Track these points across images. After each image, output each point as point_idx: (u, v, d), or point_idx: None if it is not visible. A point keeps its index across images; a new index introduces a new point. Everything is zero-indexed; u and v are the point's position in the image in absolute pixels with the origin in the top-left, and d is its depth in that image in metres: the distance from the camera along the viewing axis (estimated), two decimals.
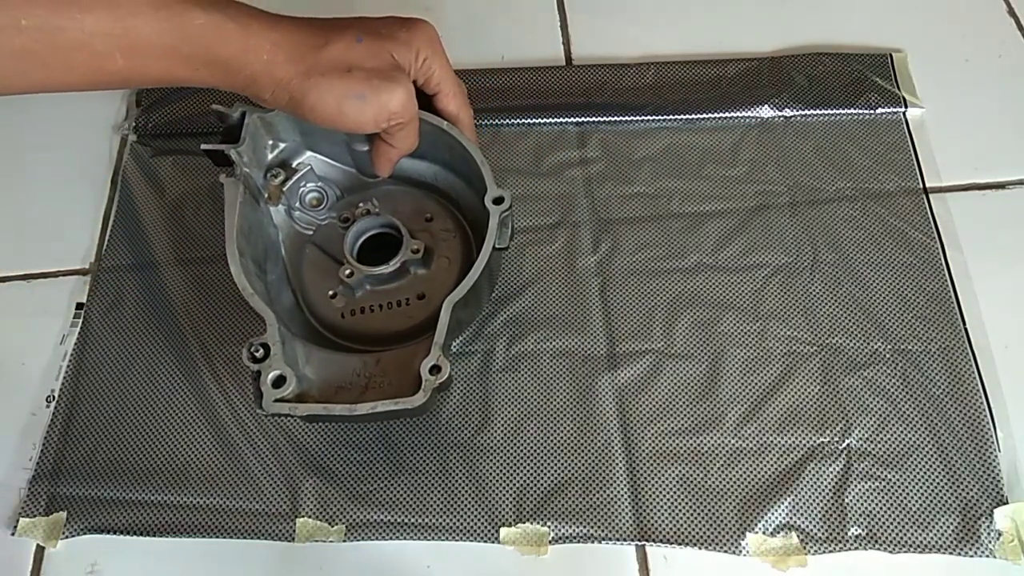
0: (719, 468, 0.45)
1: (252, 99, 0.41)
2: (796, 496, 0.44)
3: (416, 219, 0.49)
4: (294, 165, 0.49)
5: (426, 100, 0.45)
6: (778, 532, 0.43)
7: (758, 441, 0.46)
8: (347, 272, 0.46)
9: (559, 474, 0.46)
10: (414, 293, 0.47)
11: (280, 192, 0.48)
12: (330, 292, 0.48)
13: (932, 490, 0.44)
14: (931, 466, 0.45)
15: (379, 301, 0.47)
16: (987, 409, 0.46)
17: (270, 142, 0.48)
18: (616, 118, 0.58)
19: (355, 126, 0.41)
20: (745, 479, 0.45)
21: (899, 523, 0.43)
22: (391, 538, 0.45)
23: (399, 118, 0.41)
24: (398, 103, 0.40)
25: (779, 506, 0.44)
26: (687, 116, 0.57)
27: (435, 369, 0.40)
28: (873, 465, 0.45)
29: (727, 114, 0.57)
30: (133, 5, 0.36)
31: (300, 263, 0.49)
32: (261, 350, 0.40)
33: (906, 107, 0.57)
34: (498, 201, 0.44)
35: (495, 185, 0.44)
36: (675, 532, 0.44)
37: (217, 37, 0.38)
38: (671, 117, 0.57)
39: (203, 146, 0.44)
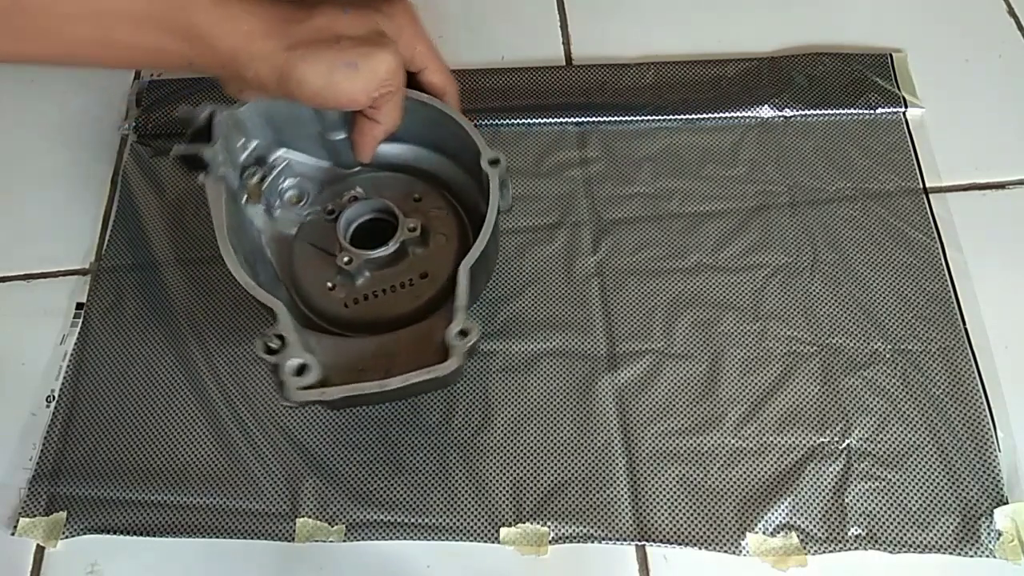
0: (719, 468, 0.45)
1: (231, 80, 0.39)
2: (796, 496, 0.44)
3: (405, 200, 0.48)
4: (270, 161, 0.48)
5: (408, 79, 0.44)
6: (778, 532, 0.43)
7: (758, 441, 0.46)
8: (346, 259, 0.45)
9: (559, 474, 0.46)
10: (416, 273, 0.47)
11: (259, 191, 0.47)
12: (328, 284, 0.47)
13: (932, 490, 0.44)
14: (931, 466, 0.45)
15: (382, 286, 0.46)
16: (987, 409, 0.46)
17: (241, 140, 0.46)
18: (616, 118, 0.58)
19: (346, 99, 0.39)
20: (745, 479, 0.45)
21: (899, 523, 0.43)
22: (391, 538, 0.45)
23: (389, 86, 0.40)
24: (388, 69, 0.39)
25: (779, 506, 0.44)
26: (687, 116, 0.57)
27: (462, 333, 0.39)
28: (873, 465, 0.45)
29: (727, 114, 0.57)
30: None
31: (290, 262, 0.48)
32: (277, 341, 0.39)
33: (906, 107, 0.57)
34: (494, 162, 0.44)
35: (488, 147, 0.44)
36: (675, 532, 0.44)
37: (193, 3, 0.36)
38: (671, 117, 0.57)
39: (175, 150, 0.43)
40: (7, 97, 0.63)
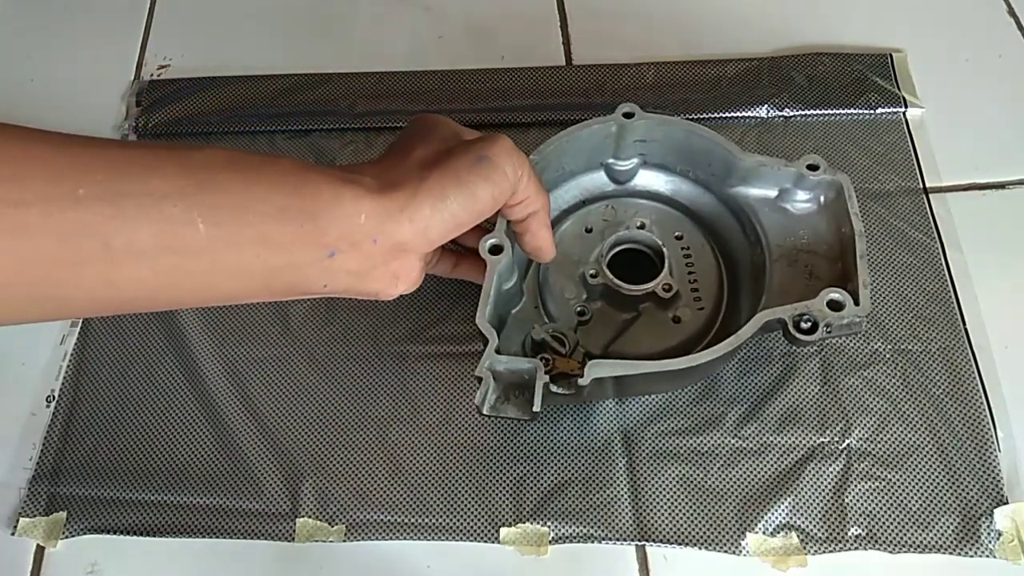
0: (719, 468, 0.45)
1: (377, 269, 0.34)
2: (796, 496, 0.44)
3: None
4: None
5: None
6: (778, 532, 0.43)
7: (758, 441, 0.46)
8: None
9: (559, 474, 0.46)
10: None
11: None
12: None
13: (932, 490, 0.44)
14: (931, 466, 0.45)
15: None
16: (987, 409, 0.46)
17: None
18: None
19: (497, 193, 0.36)
20: (745, 479, 0.45)
21: (899, 523, 0.43)
22: (391, 538, 0.45)
23: (524, 164, 0.37)
24: (513, 145, 0.36)
25: (779, 506, 0.44)
26: (687, 116, 0.57)
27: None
28: (873, 465, 0.45)
29: (727, 114, 0.57)
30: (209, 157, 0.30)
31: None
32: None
33: (906, 107, 0.57)
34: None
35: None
36: (675, 532, 0.44)
37: (315, 201, 0.31)
38: None
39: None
40: (7, 97, 0.63)
